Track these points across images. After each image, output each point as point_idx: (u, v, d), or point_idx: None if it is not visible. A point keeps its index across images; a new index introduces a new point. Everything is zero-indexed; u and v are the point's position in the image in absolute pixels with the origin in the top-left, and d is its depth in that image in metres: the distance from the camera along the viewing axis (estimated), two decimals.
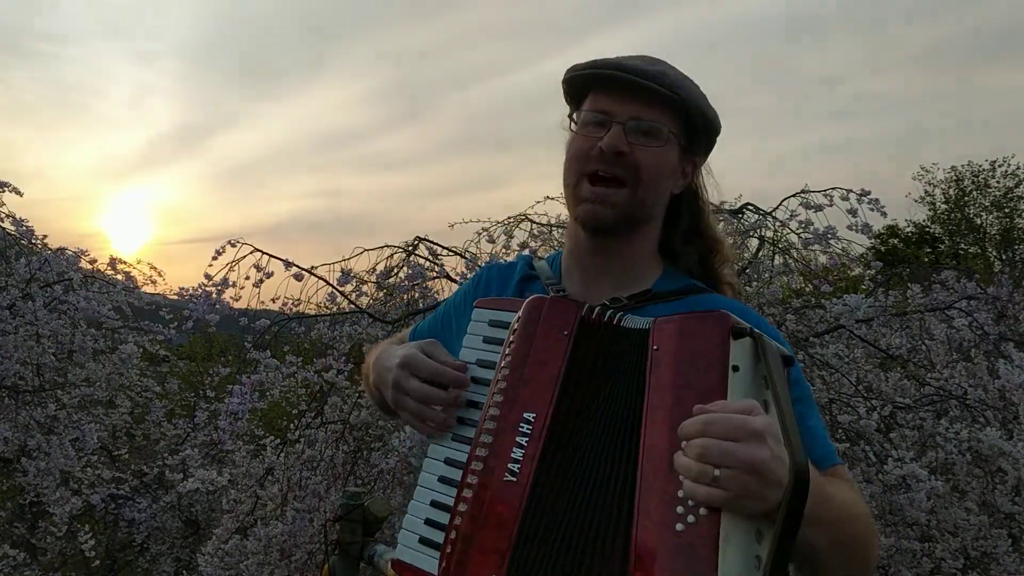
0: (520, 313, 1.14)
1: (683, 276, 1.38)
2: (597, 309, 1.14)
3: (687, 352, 0.99)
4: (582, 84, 1.33)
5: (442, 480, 1.13)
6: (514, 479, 1.03)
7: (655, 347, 1.02)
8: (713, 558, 0.87)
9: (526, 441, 1.04)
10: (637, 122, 1.26)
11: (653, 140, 1.27)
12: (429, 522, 1.11)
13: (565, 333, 1.10)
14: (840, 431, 3.54)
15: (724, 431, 0.89)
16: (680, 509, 0.91)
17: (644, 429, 0.99)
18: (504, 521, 1.01)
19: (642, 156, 1.26)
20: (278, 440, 4.40)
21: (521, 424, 1.05)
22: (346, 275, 4.24)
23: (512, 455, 1.04)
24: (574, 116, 1.34)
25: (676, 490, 0.92)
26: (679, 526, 0.91)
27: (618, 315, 1.12)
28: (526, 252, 4.38)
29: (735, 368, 0.96)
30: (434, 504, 1.12)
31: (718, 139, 1.38)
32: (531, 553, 1.00)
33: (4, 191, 5.21)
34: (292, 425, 4.35)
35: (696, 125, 1.31)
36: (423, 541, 1.11)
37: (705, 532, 0.89)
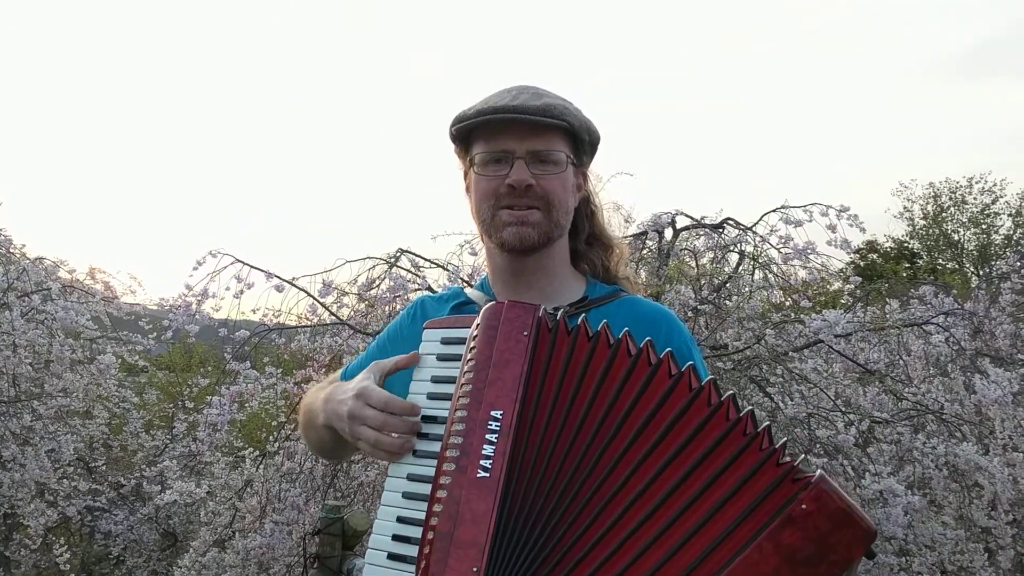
0: (479, 319, 1.17)
1: (600, 283, 1.50)
2: (563, 310, 1.20)
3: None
4: (474, 129, 1.39)
5: (406, 496, 1.15)
6: (487, 475, 1.06)
7: None
8: None
9: (496, 438, 1.08)
10: (537, 154, 1.35)
11: (554, 167, 1.37)
12: (396, 537, 1.13)
13: (525, 333, 1.13)
14: (818, 445, 3.57)
15: None
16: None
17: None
18: (480, 516, 1.05)
19: (547, 184, 1.36)
20: (257, 452, 4.37)
21: (489, 422, 1.09)
22: (327, 286, 4.23)
23: (483, 451, 1.07)
24: (469, 159, 1.42)
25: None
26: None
27: (581, 315, 1.17)
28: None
29: None
30: (400, 520, 1.14)
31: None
32: (508, 544, 1.05)
33: None
34: (271, 437, 4.33)
35: (583, 142, 1.42)
36: (392, 557, 1.13)
37: None
